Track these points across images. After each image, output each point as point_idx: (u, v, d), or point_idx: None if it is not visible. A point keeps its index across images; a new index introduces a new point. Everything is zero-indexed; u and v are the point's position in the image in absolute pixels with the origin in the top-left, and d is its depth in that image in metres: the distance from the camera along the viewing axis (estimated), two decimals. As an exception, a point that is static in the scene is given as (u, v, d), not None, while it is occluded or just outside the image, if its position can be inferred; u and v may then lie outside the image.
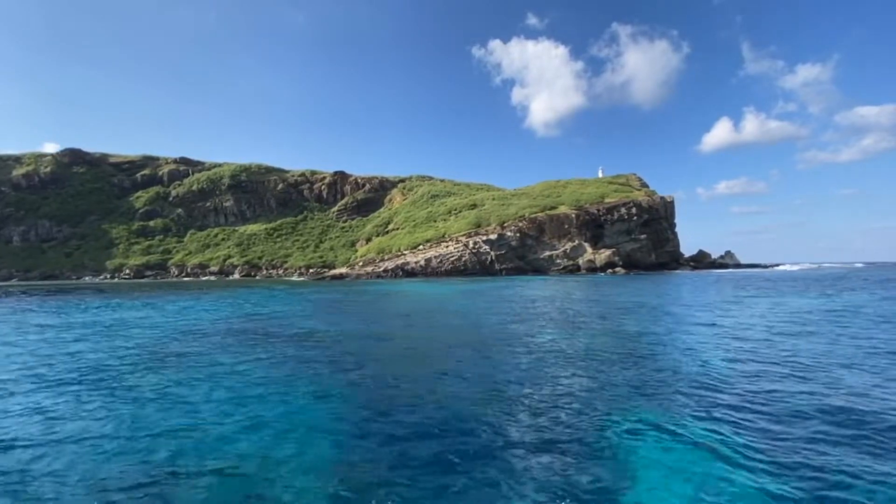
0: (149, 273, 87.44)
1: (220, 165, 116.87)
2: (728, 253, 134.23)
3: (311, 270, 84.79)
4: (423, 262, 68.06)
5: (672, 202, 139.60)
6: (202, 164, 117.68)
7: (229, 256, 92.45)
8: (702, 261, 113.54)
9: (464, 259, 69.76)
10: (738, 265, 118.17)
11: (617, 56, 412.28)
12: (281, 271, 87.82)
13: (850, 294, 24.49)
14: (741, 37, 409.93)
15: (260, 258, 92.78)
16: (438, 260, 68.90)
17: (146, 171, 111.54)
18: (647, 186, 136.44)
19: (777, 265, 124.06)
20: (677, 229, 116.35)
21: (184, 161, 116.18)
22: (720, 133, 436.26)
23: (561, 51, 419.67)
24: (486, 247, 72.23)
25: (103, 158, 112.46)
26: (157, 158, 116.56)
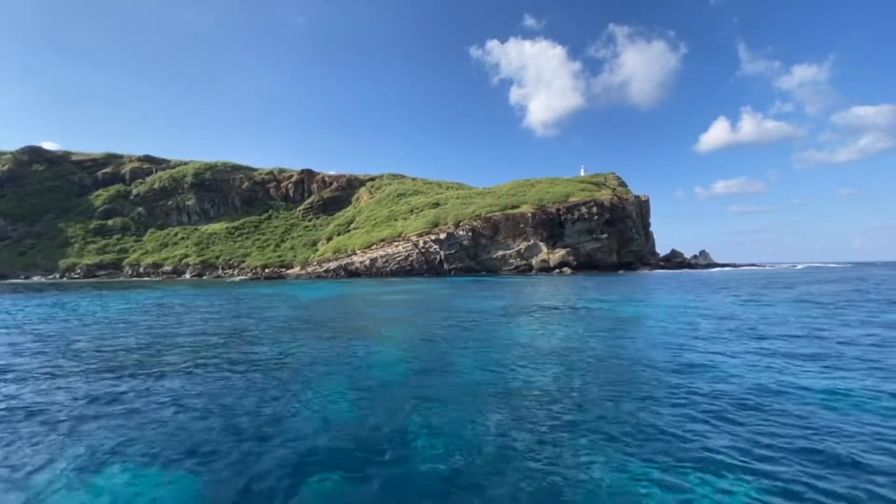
0: (101, 273, 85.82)
1: (185, 163, 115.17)
2: (702, 253, 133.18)
3: (266, 270, 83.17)
4: (367, 262, 66.50)
5: (647, 201, 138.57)
6: (167, 161, 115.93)
7: (186, 256, 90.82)
8: (671, 260, 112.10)
9: (410, 259, 68.21)
10: (709, 265, 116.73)
11: (614, 56, 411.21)
12: (236, 271, 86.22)
13: (685, 296, 23.07)
14: (738, 37, 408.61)
15: (217, 258, 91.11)
16: (384, 260, 67.35)
17: (108, 170, 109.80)
18: (624, 185, 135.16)
19: (753, 265, 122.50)
20: (653, 228, 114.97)
21: (148, 159, 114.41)
22: (718, 133, 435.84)
23: (558, 51, 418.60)
24: (436, 246, 70.69)
25: (65, 156, 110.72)
26: (121, 156, 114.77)
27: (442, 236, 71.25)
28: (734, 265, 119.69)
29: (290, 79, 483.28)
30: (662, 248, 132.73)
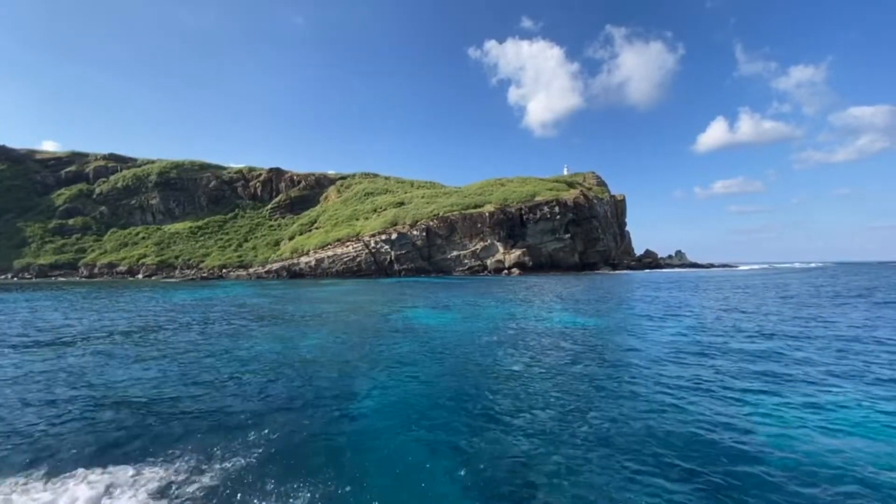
0: (55, 273, 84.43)
1: (152, 162, 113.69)
2: (677, 253, 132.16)
3: (224, 270, 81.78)
4: (313, 263, 65.12)
5: (623, 201, 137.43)
6: (134, 160, 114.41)
7: (144, 256, 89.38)
8: (641, 261, 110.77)
9: (359, 259, 66.84)
10: (682, 265, 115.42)
11: (612, 57, 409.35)
12: (193, 271, 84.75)
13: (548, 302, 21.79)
14: (735, 39, 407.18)
15: (177, 258, 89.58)
16: (331, 260, 65.97)
17: (72, 168, 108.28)
18: (603, 185, 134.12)
19: (726, 265, 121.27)
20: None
21: (113, 157, 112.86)
22: (716, 133, 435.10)
23: (556, 51, 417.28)
24: (387, 246, 69.31)
25: (29, 155, 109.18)
26: (87, 155, 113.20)
27: (393, 236, 69.88)
28: (711, 265, 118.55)
29: (287, 79, 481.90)
30: (661, 248, 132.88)
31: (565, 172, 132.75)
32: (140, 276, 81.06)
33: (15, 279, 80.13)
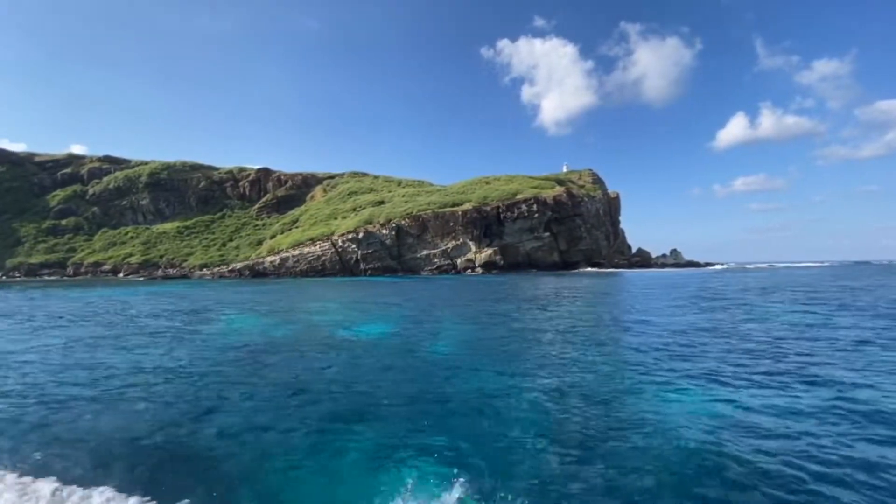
0: (44, 272, 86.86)
1: (145, 163, 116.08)
2: (673, 251, 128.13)
3: (203, 269, 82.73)
4: (277, 262, 64.99)
5: (617, 199, 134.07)
6: (127, 161, 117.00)
7: (130, 255, 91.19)
8: (630, 259, 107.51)
9: (323, 259, 66.40)
10: (678, 264, 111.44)
11: (627, 54, 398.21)
12: (174, 270, 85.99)
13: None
14: (754, 32, 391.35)
15: (161, 257, 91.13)
16: (295, 260, 65.73)
17: (68, 170, 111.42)
18: (599, 182, 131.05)
19: (722, 264, 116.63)
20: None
21: (107, 159, 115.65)
22: (735, 129, 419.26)
23: (570, 49, 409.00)
24: (353, 246, 68.72)
25: (28, 157, 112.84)
26: (83, 157, 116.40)
27: (360, 235, 69.25)
28: (709, 264, 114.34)
29: (299, 81, 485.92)
30: (672, 246, 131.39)
31: (565, 170, 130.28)
32: (121, 274, 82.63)
33: (4, 277, 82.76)
